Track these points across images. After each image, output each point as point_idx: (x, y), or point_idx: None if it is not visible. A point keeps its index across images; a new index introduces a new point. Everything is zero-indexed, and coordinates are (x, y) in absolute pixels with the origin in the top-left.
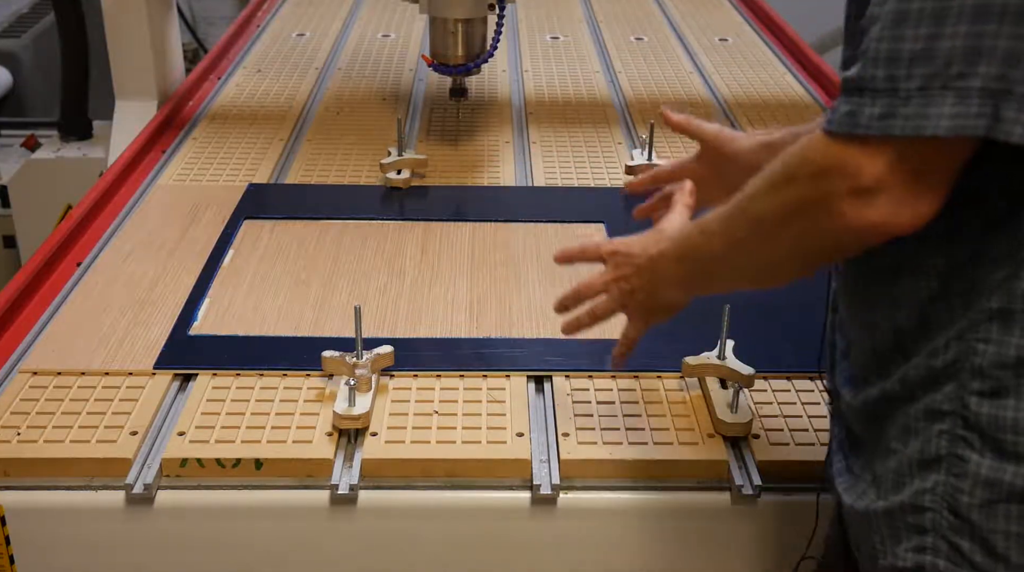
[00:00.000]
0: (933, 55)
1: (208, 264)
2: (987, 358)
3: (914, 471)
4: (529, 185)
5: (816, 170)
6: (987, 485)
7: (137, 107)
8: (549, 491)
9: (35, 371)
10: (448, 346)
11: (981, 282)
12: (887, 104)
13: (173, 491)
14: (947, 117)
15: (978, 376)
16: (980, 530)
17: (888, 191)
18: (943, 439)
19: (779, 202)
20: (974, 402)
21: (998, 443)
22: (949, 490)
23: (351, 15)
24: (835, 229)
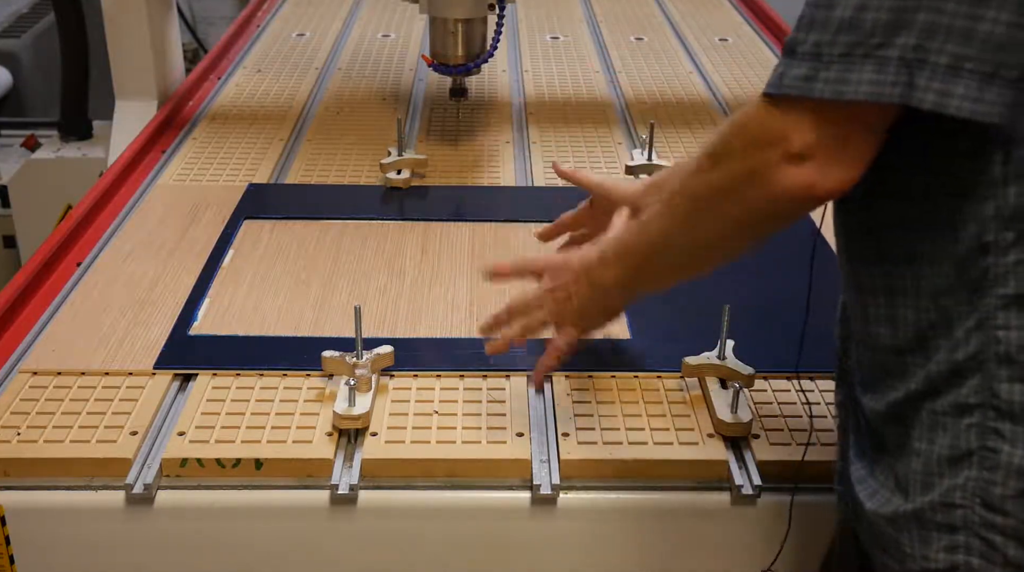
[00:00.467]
0: (858, 24)
1: (208, 264)
2: (1012, 344)
3: (943, 469)
4: (529, 185)
5: (750, 139)
6: (1021, 474)
7: (137, 107)
8: (549, 491)
9: (35, 371)
10: (448, 346)
11: (994, 268)
12: (811, 67)
13: (173, 491)
14: (865, 83)
15: (1005, 363)
16: (1014, 521)
17: (815, 156)
18: (972, 433)
19: (716, 175)
20: (1004, 390)
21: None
22: (981, 484)
23: (351, 15)
24: (769, 195)
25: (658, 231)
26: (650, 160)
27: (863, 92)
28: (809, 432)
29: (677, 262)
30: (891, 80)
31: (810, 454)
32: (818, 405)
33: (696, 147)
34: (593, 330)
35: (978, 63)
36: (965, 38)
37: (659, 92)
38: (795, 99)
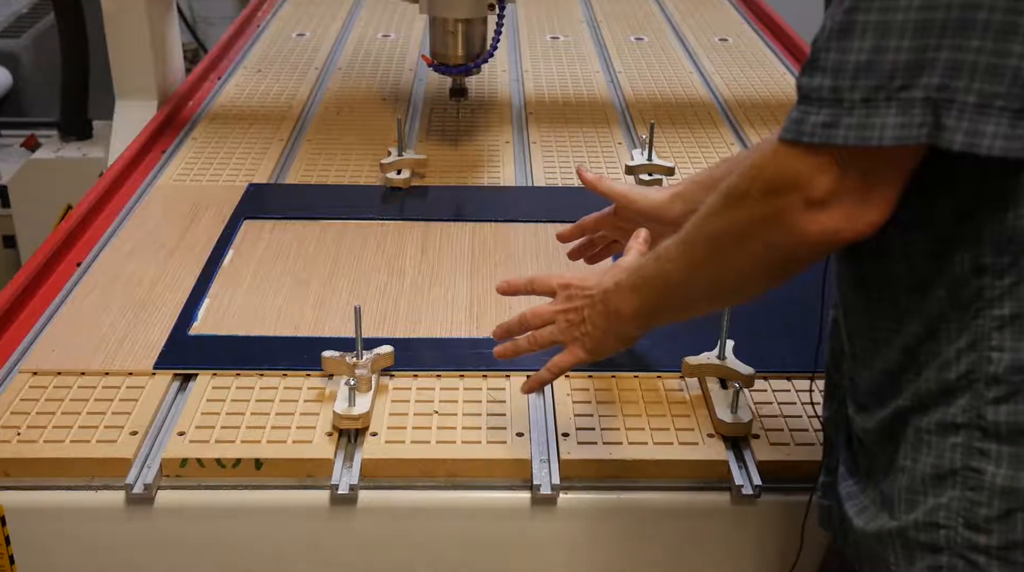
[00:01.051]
0: (877, 67)
1: (208, 264)
2: (1002, 365)
3: (927, 488)
4: (529, 185)
5: (769, 183)
6: (1004, 494)
7: (137, 107)
8: (549, 491)
9: (35, 371)
10: (448, 346)
11: (988, 290)
12: (831, 114)
13: (173, 491)
14: (890, 127)
15: (994, 384)
16: (998, 542)
17: (839, 201)
18: (957, 452)
19: (735, 218)
20: (991, 411)
21: (1018, 448)
22: (965, 504)
23: (351, 15)
24: (792, 241)
25: (675, 269)
26: (650, 160)
27: (889, 137)
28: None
29: (694, 299)
30: (917, 122)
31: (819, 454)
32: (820, 405)
33: (696, 147)
34: (603, 356)
35: (1008, 99)
36: (992, 75)
37: (659, 92)
38: (817, 146)
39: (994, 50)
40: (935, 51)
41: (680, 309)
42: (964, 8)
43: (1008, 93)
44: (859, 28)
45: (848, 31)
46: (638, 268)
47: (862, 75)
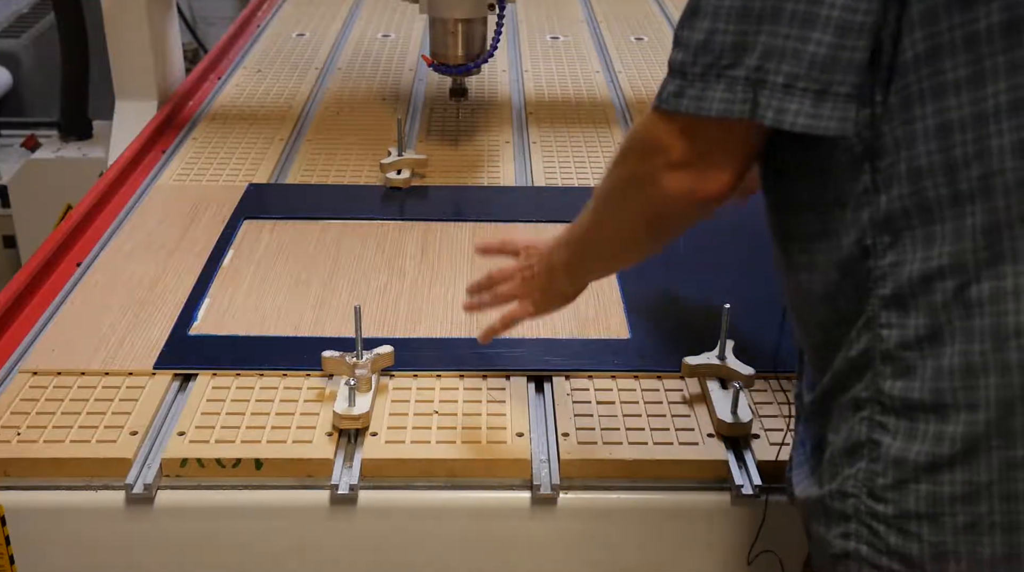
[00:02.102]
0: (710, 47)
1: (208, 264)
2: (892, 342)
3: (842, 460)
4: (529, 185)
5: (641, 144)
6: (896, 465)
7: (137, 107)
8: (549, 491)
9: (35, 371)
10: (448, 346)
11: (874, 271)
12: (679, 85)
13: (173, 491)
14: (718, 100)
15: (888, 360)
16: (893, 511)
17: (692, 165)
18: (863, 426)
19: (619, 175)
20: (887, 385)
21: (911, 422)
22: (868, 475)
23: (351, 15)
24: (659, 198)
25: (585, 223)
26: None
27: (716, 109)
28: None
29: (600, 252)
30: (740, 98)
31: None
32: None
33: None
34: (547, 311)
35: (808, 81)
36: (796, 58)
37: None
38: (671, 113)
39: (798, 35)
40: (755, 35)
41: (593, 262)
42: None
43: (807, 75)
44: (702, 10)
45: (696, 12)
46: (568, 227)
47: (700, 53)
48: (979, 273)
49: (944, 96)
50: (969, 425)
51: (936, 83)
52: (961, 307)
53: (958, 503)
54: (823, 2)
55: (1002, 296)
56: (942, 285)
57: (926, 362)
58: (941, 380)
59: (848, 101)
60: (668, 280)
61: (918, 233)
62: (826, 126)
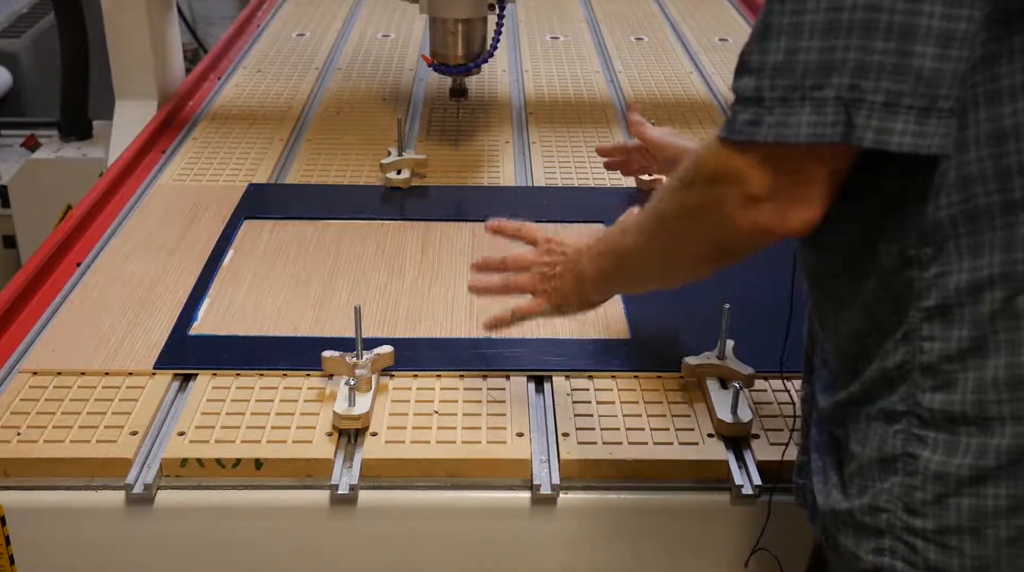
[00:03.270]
0: (791, 67)
1: (208, 264)
2: (934, 354)
3: (874, 473)
4: (529, 185)
5: (710, 176)
6: (936, 479)
7: (137, 107)
8: (549, 491)
9: (35, 371)
10: (448, 346)
11: (916, 282)
12: (755, 112)
13: (173, 491)
14: (805, 125)
15: (928, 373)
16: (933, 526)
17: (773, 198)
18: (898, 439)
19: (680, 203)
20: (927, 399)
21: (952, 436)
22: (905, 489)
23: (351, 15)
24: (728, 231)
25: (632, 241)
26: None
27: (804, 135)
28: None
29: (643, 273)
30: (830, 121)
31: None
32: None
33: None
34: (565, 313)
35: (913, 98)
36: (898, 74)
37: (659, 92)
38: (744, 143)
39: (897, 50)
40: (843, 52)
41: (631, 280)
42: (867, 10)
43: (914, 91)
44: (775, 30)
45: (766, 33)
46: (605, 235)
47: (779, 75)
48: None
49: (999, 102)
50: (1016, 437)
51: (991, 89)
52: (1009, 318)
53: (1002, 516)
54: (922, 12)
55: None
56: (991, 295)
57: (968, 374)
58: (985, 392)
59: (950, 116)
60: None
61: (964, 242)
62: (930, 144)
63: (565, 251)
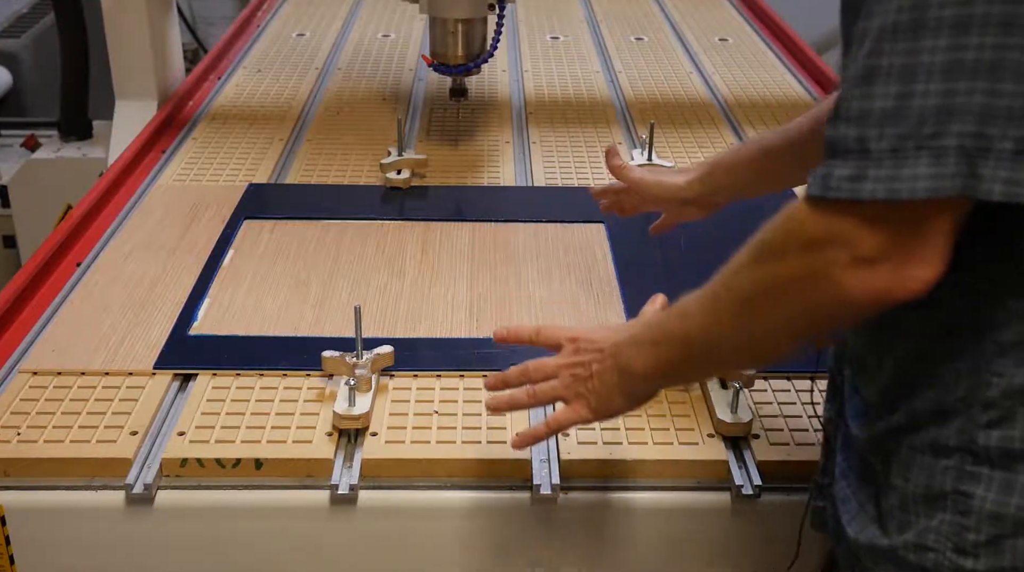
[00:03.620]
0: (905, 114)
1: (208, 264)
2: (999, 390)
3: (919, 508)
4: (529, 185)
5: (807, 241)
6: (992, 520)
7: (137, 107)
8: (549, 491)
9: (35, 371)
10: (448, 346)
11: (994, 314)
12: (858, 166)
13: (173, 491)
14: (923, 178)
15: (989, 408)
16: (985, 567)
17: (888, 258)
18: (949, 475)
19: (769, 277)
20: (983, 435)
21: (1010, 473)
22: (955, 528)
23: (351, 15)
24: (835, 302)
25: (698, 325)
26: (650, 160)
27: (921, 189)
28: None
29: (716, 358)
30: (951, 172)
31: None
32: (820, 405)
33: (696, 147)
34: (609, 415)
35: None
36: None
37: (659, 92)
38: (848, 202)
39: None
40: (967, 95)
41: (700, 367)
42: (996, 49)
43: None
44: (883, 72)
45: (871, 76)
46: (657, 323)
47: (889, 123)
48: None
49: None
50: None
51: None
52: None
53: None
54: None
55: None
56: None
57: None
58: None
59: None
60: (668, 280)
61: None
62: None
63: (599, 347)
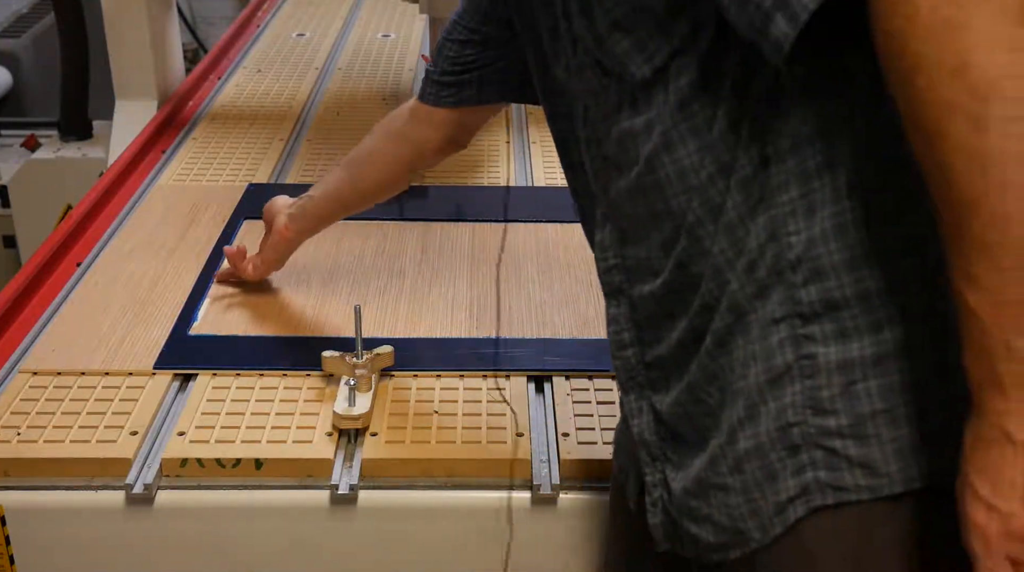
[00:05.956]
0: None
1: (208, 264)
2: (801, 245)
3: (766, 396)
4: (529, 185)
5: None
6: (841, 369)
7: (137, 107)
8: (549, 491)
9: (35, 371)
10: (448, 346)
11: (776, 177)
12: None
13: (173, 491)
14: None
15: (798, 266)
16: (846, 419)
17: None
18: (787, 347)
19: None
20: (803, 294)
21: (838, 323)
22: (808, 392)
23: (351, 15)
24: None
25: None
26: None
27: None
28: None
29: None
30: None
31: None
32: None
33: None
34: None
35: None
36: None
37: None
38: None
39: None
40: None
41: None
42: None
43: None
44: None
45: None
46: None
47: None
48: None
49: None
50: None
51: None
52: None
53: (911, 388)
54: None
55: None
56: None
57: (837, 259)
58: (858, 269)
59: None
60: None
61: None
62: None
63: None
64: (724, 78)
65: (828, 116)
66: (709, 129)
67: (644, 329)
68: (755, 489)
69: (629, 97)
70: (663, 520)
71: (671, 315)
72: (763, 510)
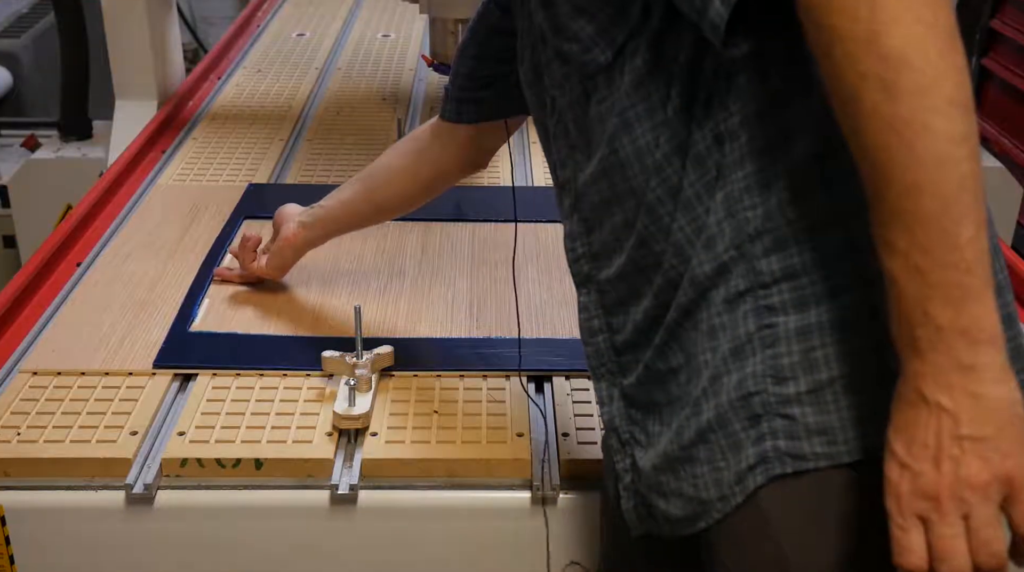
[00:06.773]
0: None
1: (208, 264)
2: (759, 218)
3: (729, 366)
4: (529, 185)
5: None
6: (800, 335)
7: (137, 107)
8: (549, 491)
9: (35, 371)
10: (448, 346)
11: (731, 155)
12: None
13: (173, 491)
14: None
15: (758, 238)
16: (805, 385)
17: None
18: (749, 318)
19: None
20: (764, 264)
21: (797, 291)
22: (768, 361)
23: (351, 15)
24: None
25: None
26: None
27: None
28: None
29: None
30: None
31: None
32: None
33: None
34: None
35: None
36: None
37: None
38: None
39: None
40: None
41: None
42: None
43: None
44: None
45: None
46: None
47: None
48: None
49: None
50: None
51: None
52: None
53: (868, 354)
54: None
55: None
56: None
57: (795, 230)
58: (816, 237)
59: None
60: None
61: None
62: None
63: (1000, 446)
64: (676, 58)
65: (778, 93)
66: (664, 108)
67: (613, 315)
68: (720, 459)
69: (591, 83)
70: (635, 503)
71: (637, 294)
72: (725, 480)
